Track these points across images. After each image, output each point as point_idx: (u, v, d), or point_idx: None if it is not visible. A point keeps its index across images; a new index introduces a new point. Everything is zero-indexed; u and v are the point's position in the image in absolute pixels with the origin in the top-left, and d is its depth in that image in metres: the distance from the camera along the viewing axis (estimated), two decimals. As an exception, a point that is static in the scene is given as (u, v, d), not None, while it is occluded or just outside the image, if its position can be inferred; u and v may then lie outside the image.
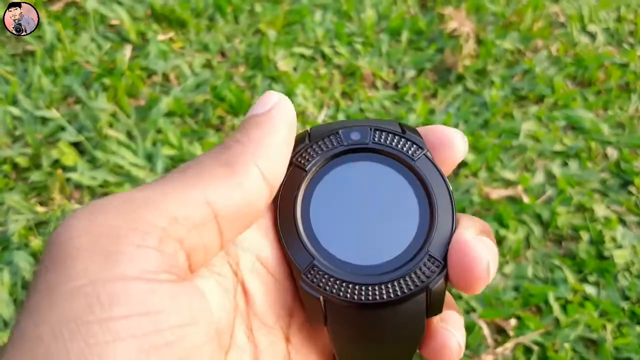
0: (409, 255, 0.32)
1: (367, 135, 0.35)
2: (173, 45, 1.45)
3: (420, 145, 0.34)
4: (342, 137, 0.35)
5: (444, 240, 0.32)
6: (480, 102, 1.39)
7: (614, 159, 1.30)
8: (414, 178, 0.34)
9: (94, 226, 0.25)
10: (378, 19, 1.59)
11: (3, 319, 0.98)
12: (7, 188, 1.15)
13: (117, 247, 0.25)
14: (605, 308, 1.05)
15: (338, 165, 0.34)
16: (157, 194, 0.27)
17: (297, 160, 0.34)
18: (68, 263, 0.24)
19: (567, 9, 1.67)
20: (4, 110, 1.25)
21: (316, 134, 0.35)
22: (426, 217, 0.33)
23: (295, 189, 0.33)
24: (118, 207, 0.26)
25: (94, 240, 0.25)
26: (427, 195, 0.33)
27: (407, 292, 0.31)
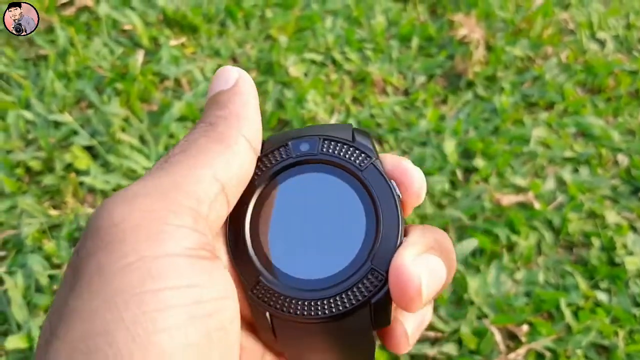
0: (354, 268, 0.31)
1: (315, 145, 0.34)
2: (185, 51, 1.46)
3: (368, 154, 0.34)
4: (291, 149, 0.34)
5: (388, 253, 0.31)
6: (490, 109, 1.39)
7: (624, 165, 1.30)
8: (361, 188, 0.33)
9: (134, 211, 0.27)
10: (388, 26, 1.59)
11: (16, 321, 0.99)
12: (21, 191, 1.16)
13: (159, 227, 0.27)
14: (617, 314, 1.05)
15: (286, 178, 0.34)
16: (178, 177, 0.29)
17: None
18: (116, 245, 0.26)
19: (577, 16, 1.67)
20: (17, 114, 1.26)
21: (268, 146, 0.35)
22: (372, 229, 0.32)
23: (244, 204, 0.33)
24: (150, 193, 0.28)
25: (137, 224, 0.27)
26: (374, 206, 0.33)
27: (349, 307, 0.31)
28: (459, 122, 1.32)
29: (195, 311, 0.26)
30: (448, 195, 1.21)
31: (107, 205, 0.28)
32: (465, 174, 1.26)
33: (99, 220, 0.27)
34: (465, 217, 1.16)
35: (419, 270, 0.30)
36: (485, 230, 1.14)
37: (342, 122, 1.33)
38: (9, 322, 0.99)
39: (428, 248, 0.32)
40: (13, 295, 1.00)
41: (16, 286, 1.01)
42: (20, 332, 0.96)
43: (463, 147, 1.30)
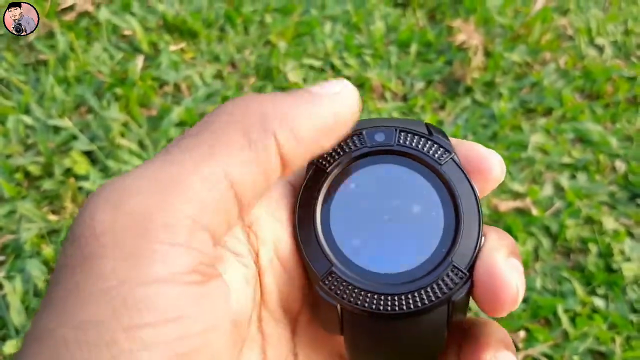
0: (432, 264, 0.30)
1: (391, 136, 0.33)
2: (184, 56, 1.46)
3: (447, 148, 0.33)
4: (365, 138, 0.33)
5: (469, 250, 0.30)
6: (488, 114, 1.39)
7: (622, 171, 1.30)
8: (439, 183, 0.32)
9: (120, 219, 0.24)
10: (387, 31, 1.60)
11: (14, 326, 0.99)
12: (20, 196, 1.16)
13: (147, 245, 0.23)
14: (614, 321, 1.05)
15: (361, 167, 0.33)
16: (182, 171, 0.25)
17: (317, 161, 0.33)
18: (95, 262, 0.23)
19: (575, 22, 1.68)
20: (16, 118, 1.26)
21: None
22: (451, 225, 0.31)
23: (316, 192, 0.32)
24: (144, 190, 0.24)
25: (121, 236, 0.23)
26: (453, 202, 0.31)
27: (429, 304, 0.29)
28: (457, 128, 1.33)
29: (178, 348, 0.23)
30: (446, 201, 1.21)
31: (90, 206, 0.24)
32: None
33: (80, 225, 0.24)
34: (463, 222, 1.16)
35: (514, 277, 0.29)
36: (482, 236, 1.14)
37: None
38: (7, 327, 0.99)
39: (511, 252, 0.31)
40: (11, 300, 1.00)
41: (15, 291, 1.02)
42: (19, 337, 0.97)
43: (461, 152, 1.30)
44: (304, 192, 0.32)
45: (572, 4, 1.73)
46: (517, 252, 0.32)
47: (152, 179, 0.25)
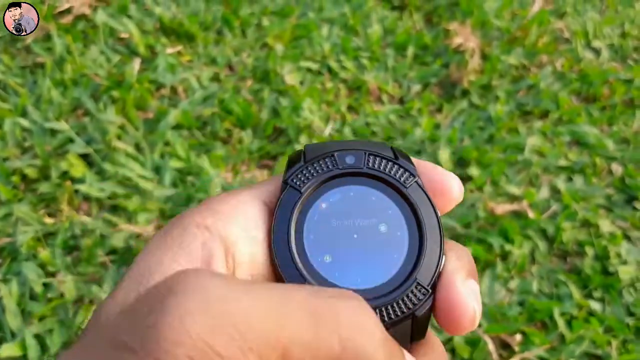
0: (397, 281, 0.32)
1: (361, 159, 0.35)
2: (181, 59, 1.46)
3: (411, 172, 0.35)
4: (337, 160, 0.35)
5: (432, 268, 0.32)
6: (485, 117, 1.40)
7: (618, 174, 1.30)
8: (404, 204, 0.34)
9: (202, 342, 0.24)
10: (384, 34, 1.60)
11: (10, 329, 0.99)
12: (16, 199, 1.16)
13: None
14: (611, 324, 1.05)
15: (332, 188, 0.35)
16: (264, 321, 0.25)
17: (292, 181, 0.34)
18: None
19: (572, 25, 1.68)
20: (13, 121, 1.26)
21: (311, 154, 0.36)
22: (415, 244, 0.33)
23: (290, 211, 0.33)
24: (234, 326, 0.25)
25: (191, 357, 0.24)
26: (417, 222, 0.34)
27: (394, 319, 0.31)
28: (453, 131, 1.33)
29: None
30: (442, 204, 1.21)
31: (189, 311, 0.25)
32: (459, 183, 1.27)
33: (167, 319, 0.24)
34: (459, 225, 1.16)
35: (471, 300, 0.32)
36: (479, 239, 1.15)
37: (337, 130, 1.33)
38: (3, 330, 0.99)
39: (469, 273, 0.33)
40: (7, 303, 1.00)
41: (10, 294, 1.01)
42: (15, 340, 0.97)
43: (458, 155, 1.30)
44: (278, 211, 0.33)
45: (568, 7, 1.74)
46: (475, 272, 0.34)
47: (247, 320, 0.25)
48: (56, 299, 1.02)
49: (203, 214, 0.31)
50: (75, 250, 1.10)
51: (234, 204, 0.32)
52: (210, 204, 0.32)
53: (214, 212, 0.31)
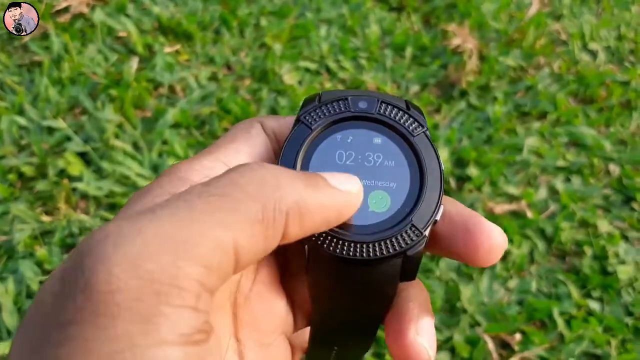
0: (394, 221, 0.33)
1: (373, 105, 0.36)
2: (179, 58, 1.46)
3: (421, 123, 0.36)
4: (350, 104, 0.36)
5: (428, 214, 0.33)
6: (483, 118, 1.40)
7: (616, 175, 1.31)
8: (410, 152, 0.35)
9: (135, 278, 0.24)
10: (382, 35, 1.60)
11: (7, 327, 0.98)
12: (13, 197, 1.15)
13: (158, 308, 0.24)
14: (610, 324, 1.05)
15: (342, 129, 0.36)
16: (194, 233, 0.25)
17: (304, 118, 0.35)
18: (108, 322, 0.23)
19: (569, 27, 1.69)
20: (10, 119, 1.25)
21: (326, 98, 0.37)
22: (415, 190, 0.34)
23: (298, 145, 0.35)
24: (160, 250, 0.25)
25: (135, 298, 0.24)
26: (420, 170, 0.35)
27: (386, 254, 0.32)
28: (452, 131, 1.33)
29: None
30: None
31: (108, 260, 0.24)
32: (459, 183, 1.27)
33: (94, 276, 0.24)
34: (459, 225, 1.16)
35: (425, 348, 0.33)
36: (478, 239, 1.14)
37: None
38: None
39: (425, 311, 0.34)
40: (4, 301, 0.99)
41: (7, 292, 1.01)
42: (11, 339, 0.96)
43: (456, 155, 1.30)
44: (287, 144, 0.35)
45: (565, 10, 1.75)
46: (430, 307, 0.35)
47: (169, 238, 0.25)
48: (53, 297, 1.01)
49: (174, 184, 0.30)
50: (72, 249, 1.09)
51: (201, 171, 0.32)
52: (177, 172, 0.31)
53: (184, 180, 0.31)
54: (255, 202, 0.27)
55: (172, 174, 0.31)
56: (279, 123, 0.36)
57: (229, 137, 0.35)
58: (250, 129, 0.35)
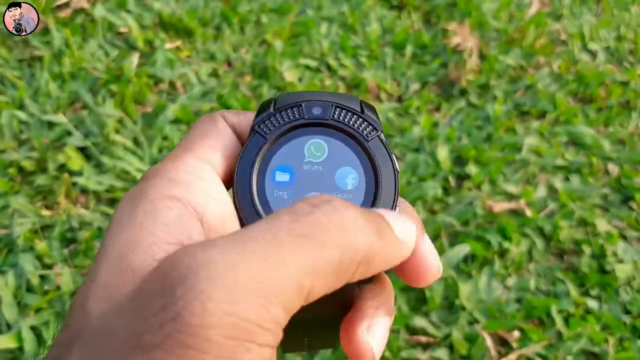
0: None
1: (327, 111, 0.37)
2: (180, 54, 1.46)
3: (375, 126, 0.36)
4: (304, 110, 0.36)
5: None
6: (483, 116, 1.40)
7: (615, 174, 1.31)
8: (364, 157, 0.36)
9: (228, 315, 0.24)
10: (383, 33, 1.60)
11: (6, 321, 0.98)
12: (13, 191, 1.15)
13: (245, 347, 0.25)
14: (607, 322, 1.06)
15: (296, 137, 0.36)
16: (280, 276, 0.26)
17: (258, 127, 0.36)
18: (197, 355, 0.24)
19: (569, 27, 1.69)
20: (10, 114, 1.25)
21: (281, 104, 0.37)
22: (370, 197, 0.35)
23: (254, 156, 0.35)
24: (251, 291, 0.25)
25: (226, 335, 0.24)
26: (374, 174, 0.35)
27: None
28: (452, 129, 1.33)
29: None
30: (441, 201, 1.22)
31: (201, 293, 0.24)
32: (458, 181, 1.27)
33: (189, 310, 0.24)
34: (458, 223, 1.17)
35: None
36: (477, 237, 1.15)
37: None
38: (-1, 322, 0.98)
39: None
40: (4, 294, 0.99)
41: (7, 285, 1.01)
42: (10, 332, 0.96)
43: (456, 153, 1.31)
44: (243, 155, 0.35)
45: (565, 10, 1.75)
46: (392, 305, 0.36)
47: (259, 281, 0.26)
48: (53, 291, 1.01)
49: (167, 185, 0.31)
50: (72, 243, 1.09)
51: (189, 171, 0.32)
52: (166, 174, 0.32)
53: (176, 182, 0.31)
54: (336, 249, 0.28)
55: (161, 176, 0.32)
56: (239, 118, 0.37)
57: (198, 132, 0.35)
58: (218, 122, 0.36)
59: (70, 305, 0.28)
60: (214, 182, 0.33)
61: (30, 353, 0.94)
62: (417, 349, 1.01)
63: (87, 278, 0.28)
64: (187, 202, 0.31)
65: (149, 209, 0.30)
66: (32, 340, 0.95)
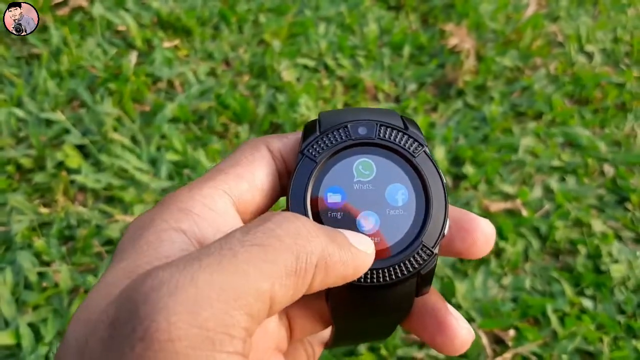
0: (405, 243, 0.35)
1: (373, 130, 0.37)
2: (178, 53, 1.46)
3: (420, 142, 0.37)
4: (350, 131, 0.37)
5: (436, 232, 0.35)
6: (480, 117, 1.41)
7: (610, 175, 1.32)
8: (413, 173, 0.37)
9: (193, 326, 0.25)
10: (380, 33, 1.61)
11: (4, 318, 0.98)
12: (11, 189, 1.15)
13: (213, 355, 0.25)
14: (602, 321, 1.07)
15: (345, 157, 0.37)
16: (242, 283, 0.27)
17: (307, 152, 0.36)
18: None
19: (565, 29, 1.70)
20: (8, 111, 1.25)
21: (325, 124, 0.38)
22: (421, 210, 0.36)
23: (306, 179, 0.36)
24: (213, 299, 0.26)
25: (193, 346, 0.25)
26: (424, 190, 0.36)
27: (402, 277, 0.34)
28: (449, 130, 1.34)
29: None
30: (437, 201, 1.22)
31: (165, 310, 0.25)
32: (455, 181, 1.28)
33: (155, 326, 0.25)
34: (454, 222, 1.17)
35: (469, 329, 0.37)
36: (473, 236, 1.15)
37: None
38: (-3, 319, 0.98)
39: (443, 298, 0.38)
40: (2, 292, 1.00)
41: (5, 283, 1.01)
42: (8, 329, 0.96)
43: (453, 154, 1.31)
44: (295, 179, 0.36)
45: (562, 11, 1.76)
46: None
47: (219, 288, 0.26)
48: (51, 289, 1.01)
49: (175, 216, 0.31)
50: (70, 240, 1.10)
51: (202, 202, 0.32)
52: (178, 203, 0.32)
53: (186, 212, 0.31)
54: (291, 253, 0.29)
55: (173, 205, 0.32)
56: (283, 142, 0.37)
57: (232, 160, 0.35)
58: (255, 152, 0.36)
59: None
60: (228, 215, 0.33)
61: (28, 350, 0.94)
62: (413, 347, 1.01)
63: (80, 305, 0.29)
64: (193, 235, 0.31)
65: (152, 240, 0.30)
66: (29, 337, 0.96)
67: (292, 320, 0.38)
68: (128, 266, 0.29)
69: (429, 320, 0.37)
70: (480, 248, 0.37)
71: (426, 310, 0.37)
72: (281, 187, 0.37)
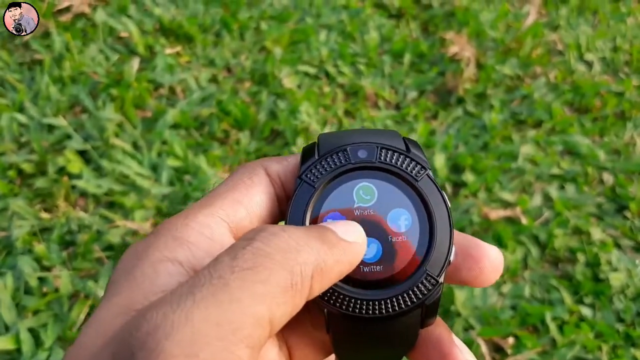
0: (408, 271, 0.33)
1: (373, 153, 0.36)
2: (180, 59, 1.47)
3: (423, 165, 0.35)
4: (349, 155, 0.36)
5: (441, 260, 0.33)
6: (480, 125, 1.41)
7: (609, 184, 1.32)
8: (416, 197, 0.35)
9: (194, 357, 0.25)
10: (381, 41, 1.62)
11: (5, 322, 0.99)
12: (12, 194, 1.16)
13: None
14: (601, 329, 1.07)
15: (344, 182, 0.35)
16: (235, 314, 0.26)
17: (306, 177, 0.35)
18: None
19: (565, 38, 1.71)
20: (10, 117, 1.26)
21: (324, 147, 0.36)
22: (425, 236, 0.34)
23: (305, 205, 0.34)
24: (210, 337, 0.25)
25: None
26: (428, 215, 0.34)
27: (405, 308, 0.33)
28: (449, 137, 1.34)
29: None
30: (437, 209, 1.23)
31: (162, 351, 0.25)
32: (455, 188, 1.28)
33: (155, 344, 0.25)
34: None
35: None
36: (473, 244, 1.16)
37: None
38: (-3, 324, 0.99)
39: (448, 329, 0.36)
40: (2, 296, 1.00)
41: (6, 287, 1.01)
42: (9, 334, 0.96)
43: (453, 161, 1.32)
44: (293, 206, 0.34)
45: (562, 21, 1.77)
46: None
47: (216, 324, 0.26)
48: (51, 294, 1.02)
49: (170, 246, 0.30)
50: (71, 246, 1.10)
51: (198, 230, 0.31)
52: (173, 232, 0.31)
53: (182, 242, 0.31)
54: (284, 269, 0.28)
55: (167, 234, 0.31)
56: (282, 165, 0.36)
57: (229, 185, 0.34)
58: (253, 176, 0.35)
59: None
60: (224, 242, 0.32)
61: (28, 355, 0.94)
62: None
63: (77, 339, 0.29)
64: (189, 265, 0.30)
65: (147, 271, 0.29)
66: (30, 342, 0.96)
67: (292, 349, 0.36)
68: (122, 301, 0.28)
69: (432, 351, 0.35)
70: (487, 277, 0.35)
71: (430, 340, 0.35)
72: (280, 212, 0.36)
